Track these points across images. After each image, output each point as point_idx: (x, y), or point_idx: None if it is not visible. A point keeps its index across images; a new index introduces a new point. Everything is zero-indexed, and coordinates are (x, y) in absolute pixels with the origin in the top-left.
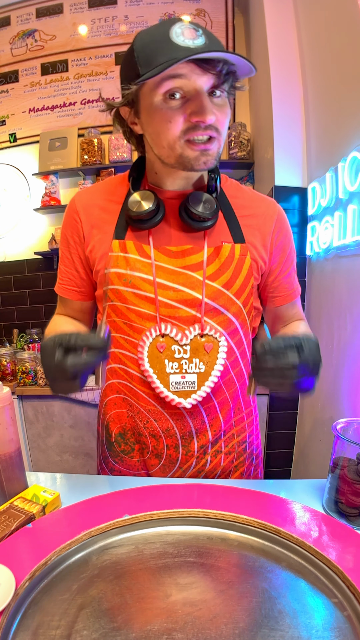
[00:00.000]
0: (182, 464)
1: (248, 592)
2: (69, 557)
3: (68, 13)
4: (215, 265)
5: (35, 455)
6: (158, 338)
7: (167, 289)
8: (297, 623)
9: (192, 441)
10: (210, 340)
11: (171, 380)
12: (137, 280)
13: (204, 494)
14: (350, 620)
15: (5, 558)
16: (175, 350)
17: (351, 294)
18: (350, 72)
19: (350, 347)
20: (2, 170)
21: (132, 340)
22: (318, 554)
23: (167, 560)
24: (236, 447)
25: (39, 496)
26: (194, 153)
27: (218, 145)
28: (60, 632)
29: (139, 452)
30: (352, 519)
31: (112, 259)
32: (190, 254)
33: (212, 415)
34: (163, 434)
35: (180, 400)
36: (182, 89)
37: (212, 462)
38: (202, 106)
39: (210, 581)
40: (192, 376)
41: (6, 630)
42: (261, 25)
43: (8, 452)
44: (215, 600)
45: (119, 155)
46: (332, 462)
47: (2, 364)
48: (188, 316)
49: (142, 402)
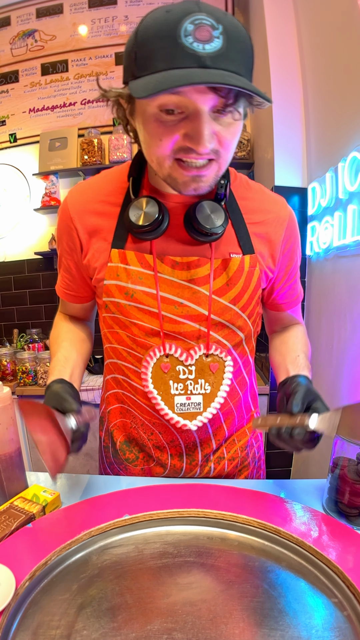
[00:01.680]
0: (186, 472)
1: (248, 592)
2: (69, 557)
3: (68, 13)
4: (223, 279)
5: (35, 455)
6: (162, 358)
7: (171, 303)
8: (297, 623)
9: (196, 450)
10: (215, 360)
11: (176, 402)
12: (139, 294)
13: (204, 494)
14: (350, 620)
15: (5, 558)
16: (180, 370)
17: (351, 294)
18: (350, 72)
19: (350, 347)
20: (2, 170)
21: (136, 354)
22: (318, 554)
23: (167, 560)
24: (239, 453)
25: (39, 496)
26: (184, 177)
27: (217, 168)
28: (60, 632)
29: (144, 460)
30: (352, 519)
31: (112, 270)
32: (196, 266)
33: (217, 426)
34: (167, 445)
35: (185, 422)
36: (178, 106)
37: (215, 468)
38: (198, 133)
39: (210, 581)
40: (197, 397)
41: (6, 630)
42: (261, 24)
43: (8, 452)
44: (216, 600)
45: (119, 155)
46: (332, 462)
47: (2, 364)
48: (193, 331)
49: (145, 415)
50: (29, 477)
